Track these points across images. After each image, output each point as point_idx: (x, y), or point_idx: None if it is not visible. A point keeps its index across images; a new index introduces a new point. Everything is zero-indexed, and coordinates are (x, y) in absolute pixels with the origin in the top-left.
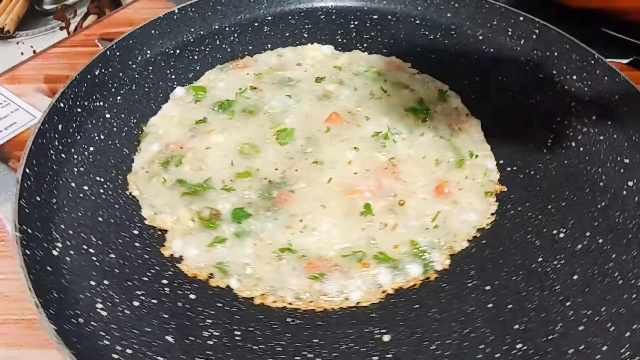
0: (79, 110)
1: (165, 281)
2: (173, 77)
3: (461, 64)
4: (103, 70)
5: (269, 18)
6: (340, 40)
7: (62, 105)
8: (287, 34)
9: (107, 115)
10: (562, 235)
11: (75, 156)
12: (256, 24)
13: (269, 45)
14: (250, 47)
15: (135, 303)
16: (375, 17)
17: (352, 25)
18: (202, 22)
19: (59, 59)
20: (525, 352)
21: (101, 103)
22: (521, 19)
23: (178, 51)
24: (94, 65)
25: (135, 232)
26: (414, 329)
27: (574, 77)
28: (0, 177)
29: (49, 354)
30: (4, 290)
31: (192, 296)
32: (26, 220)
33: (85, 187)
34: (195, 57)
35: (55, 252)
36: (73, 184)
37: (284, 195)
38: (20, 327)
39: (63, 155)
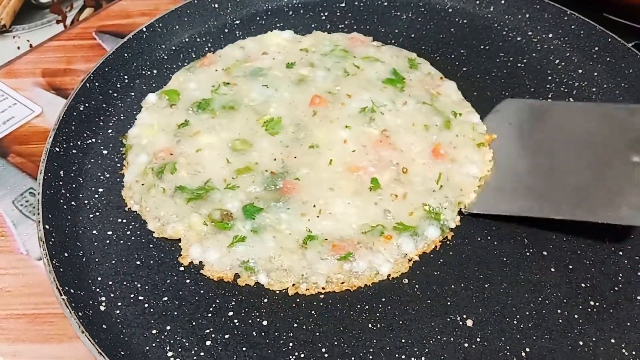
0: (74, 151)
1: (231, 313)
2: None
3: (430, 35)
4: (87, 105)
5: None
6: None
7: (57, 149)
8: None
9: (105, 152)
10: None
11: (86, 201)
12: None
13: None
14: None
15: (208, 342)
16: None
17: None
18: (171, 37)
19: (55, 53)
20: (600, 307)
21: (94, 140)
22: None
23: (155, 71)
24: (77, 101)
25: (182, 268)
26: (493, 308)
27: (550, 35)
28: None
29: (51, 348)
30: (6, 286)
31: (265, 322)
32: (64, 281)
33: (109, 232)
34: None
35: (102, 308)
36: (95, 232)
37: (290, 184)
38: (22, 322)
39: (73, 203)
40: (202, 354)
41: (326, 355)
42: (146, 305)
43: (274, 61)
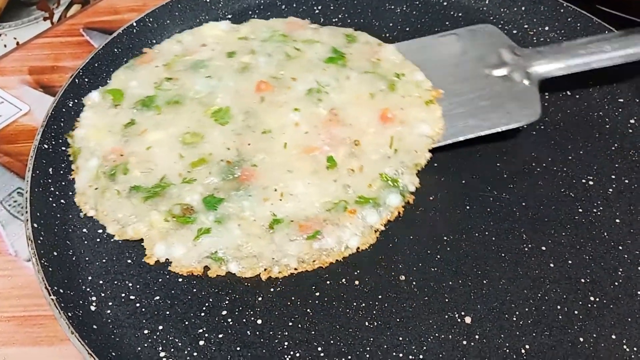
0: (62, 148)
1: (224, 312)
2: None
3: (425, 28)
4: (76, 101)
5: None
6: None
7: (45, 146)
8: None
9: None
10: (591, 183)
11: (76, 199)
12: None
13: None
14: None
15: (201, 342)
16: None
17: None
18: (162, 32)
19: (42, 50)
20: (600, 303)
21: None
22: None
23: None
24: (66, 97)
25: None
26: (491, 305)
27: (547, 27)
28: None
29: (41, 351)
30: None
31: (259, 321)
32: (54, 280)
33: (100, 231)
34: None
35: (93, 308)
36: (85, 230)
37: (247, 172)
38: (12, 325)
39: (63, 201)
40: (195, 354)
41: (322, 354)
42: (138, 304)
43: (214, 52)
